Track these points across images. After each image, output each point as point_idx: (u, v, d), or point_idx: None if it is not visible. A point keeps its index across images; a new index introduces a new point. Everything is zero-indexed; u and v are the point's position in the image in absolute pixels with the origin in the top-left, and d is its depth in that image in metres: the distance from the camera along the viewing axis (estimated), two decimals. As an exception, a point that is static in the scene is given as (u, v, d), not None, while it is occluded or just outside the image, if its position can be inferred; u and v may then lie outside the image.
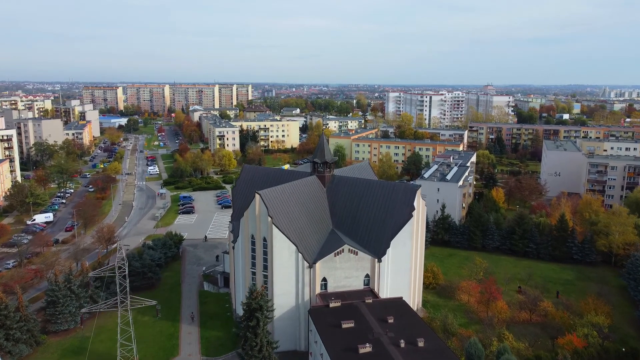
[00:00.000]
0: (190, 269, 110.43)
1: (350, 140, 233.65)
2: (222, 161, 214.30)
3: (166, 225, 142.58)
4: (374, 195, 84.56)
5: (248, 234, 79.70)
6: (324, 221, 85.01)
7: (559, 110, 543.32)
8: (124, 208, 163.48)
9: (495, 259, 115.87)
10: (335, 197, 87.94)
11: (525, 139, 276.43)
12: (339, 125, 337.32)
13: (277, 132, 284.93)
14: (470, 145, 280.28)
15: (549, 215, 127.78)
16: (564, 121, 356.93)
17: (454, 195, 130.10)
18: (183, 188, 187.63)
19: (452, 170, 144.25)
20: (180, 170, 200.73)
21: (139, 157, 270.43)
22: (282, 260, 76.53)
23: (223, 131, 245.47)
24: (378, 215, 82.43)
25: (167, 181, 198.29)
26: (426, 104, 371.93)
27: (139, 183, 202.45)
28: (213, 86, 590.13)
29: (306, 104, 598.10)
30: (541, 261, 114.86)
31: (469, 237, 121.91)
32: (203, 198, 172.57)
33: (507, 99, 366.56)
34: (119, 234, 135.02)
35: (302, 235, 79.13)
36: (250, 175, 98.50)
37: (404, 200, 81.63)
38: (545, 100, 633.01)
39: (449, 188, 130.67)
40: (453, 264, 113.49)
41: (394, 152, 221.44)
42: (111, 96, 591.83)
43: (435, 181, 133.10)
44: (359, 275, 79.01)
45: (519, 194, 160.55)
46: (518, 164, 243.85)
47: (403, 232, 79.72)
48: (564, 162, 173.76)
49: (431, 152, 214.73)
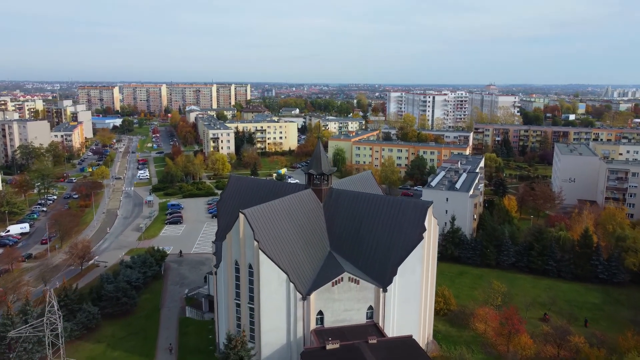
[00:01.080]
0: (172, 290, 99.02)
1: (351, 143, 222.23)
2: (216, 165, 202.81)
3: (151, 237, 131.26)
4: (378, 213, 73.20)
5: (231, 260, 68.35)
6: (321, 243, 73.68)
7: (563, 111, 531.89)
8: (108, 217, 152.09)
9: (511, 277, 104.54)
10: (333, 214, 76.62)
11: (533, 141, 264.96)
12: (339, 127, 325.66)
13: (274, 133, 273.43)
14: (476, 147, 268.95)
15: (569, 228, 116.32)
16: (572, 122, 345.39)
17: (465, 206, 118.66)
18: (173, 194, 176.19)
19: (461, 177, 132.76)
20: (170, 175, 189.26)
21: (130, 160, 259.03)
22: (270, 291, 65.22)
23: (217, 133, 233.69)
24: (383, 237, 71.08)
25: (156, 187, 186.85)
26: (429, 104, 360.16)
27: (126, 189, 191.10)
28: (211, 86, 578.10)
29: (306, 104, 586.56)
30: (563, 280, 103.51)
31: (481, 253, 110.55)
32: (193, 206, 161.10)
33: (512, 99, 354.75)
34: (97, 248, 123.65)
35: (295, 261, 67.80)
36: (238, 186, 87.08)
37: (413, 219, 70.25)
38: (549, 100, 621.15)
39: (459, 198, 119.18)
40: (465, 284, 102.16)
41: (396, 155, 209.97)
42: (107, 96, 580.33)
43: (444, 190, 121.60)
44: (361, 307, 67.68)
45: (532, 202, 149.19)
46: (527, 167, 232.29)
47: (412, 257, 68.35)
48: (580, 167, 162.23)
49: (436, 155, 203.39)
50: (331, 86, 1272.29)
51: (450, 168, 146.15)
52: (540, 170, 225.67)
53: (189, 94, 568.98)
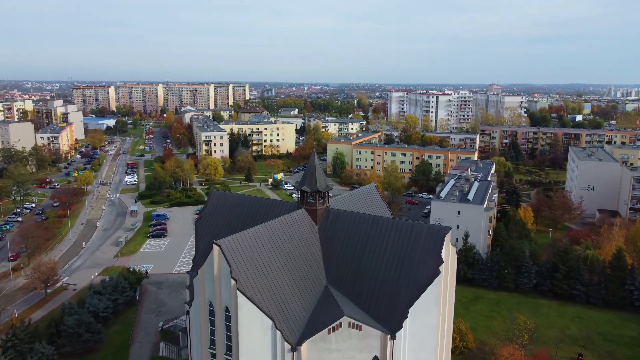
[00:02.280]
0: (147, 320, 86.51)
1: (351, 146, 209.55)
2: (207, 170, 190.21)
3: (130, 253, 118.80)
4: (385, 239, 60.66)
5: (204, 301, 55.90)
6: (315, 275, 61.14)
7: (569, 111, 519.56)
8: (87, 229, 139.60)
9: (534, 304, 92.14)
10: (331, 239, 64.08)
11: (542, 144, 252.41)
12: (338, 128, 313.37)
13: (271, 135, 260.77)
14: (482, 150, 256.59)
15: (595, 245, 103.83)
16: (581, 124, 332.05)
17: (479, 220, 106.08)
18: (160, 203, 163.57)
19: (473, 186, 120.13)
20: (158, 182, 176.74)
21: (119, 164, 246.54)
22: (252, 340, 52.70)
23: (210, 136, 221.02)
24: (390, 269, 58.56)
25: (143, 194, 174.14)
26: (432, 104, 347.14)
27: (111, 196, 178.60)
28: (208, 85, 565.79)
29: (305, 104, 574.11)
30: (592, 308, 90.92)
31: (498, 275, 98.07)
32: (180, 216, 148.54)
33: (519, 100, 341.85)
34: (69, 267, 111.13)
35: (283, 302, 55.30)
36: (220, 204, 74.46)
37: (428, 248, 57.72)
38: (552, 100, 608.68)
39: (472, 212, 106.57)
40: (481, 312, 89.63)
41: (399, 159, 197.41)
42: (103, 96, 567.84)
43: (455, 202, 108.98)
44: (365, 358, 55.18)
45: (549, 213, 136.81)
46: (537, 172, 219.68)
47: (426, 296, 55.79)
48: (599, 174, 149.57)
49: (442, 160, 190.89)
50: (331, 86, 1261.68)
51: (460, 176, 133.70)
52: (552, 175, 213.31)
53: (185, 94, 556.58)
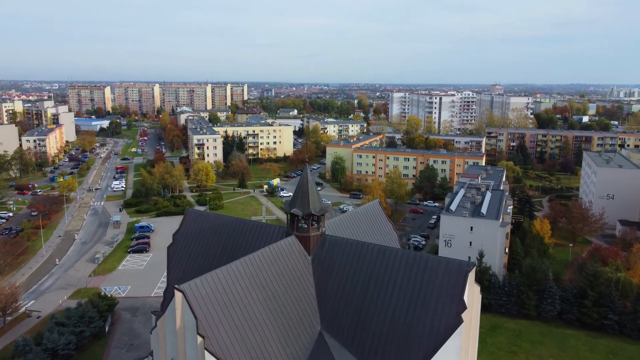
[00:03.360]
0: (115, 356, 75.08)
1: (352, 149, 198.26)
2: (198, 176, 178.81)
3: (106, 271, 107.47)
4: (393, 275, 49.32)
5: (165, 357, 44.58)
6: (307, 318, 49.82)
7: (573, 112, 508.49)
8: (63, 243, 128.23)
9: (559, 335, 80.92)
10: (327, 273, 52.75)
11: (552, 147, 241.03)
12: (338, 130, 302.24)
13: (267, 138, 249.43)
14: (489, 153, 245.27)
15: (626, 266, 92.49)
16: (590, 126, 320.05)
17: (494, 237, 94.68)
18: (146, 212, 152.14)
19: (486, 197, 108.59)
20: (145, 188, 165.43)
21: (108, 168, 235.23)
22: (225, 411, 41.44)
23: (202, 139, 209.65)
24: (400, 313, 47.19)
25: (128, 202, 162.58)
26: (435, 105, 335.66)
27: (95, 204, 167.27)
28: (205, 85, 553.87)
29: (304, 105, 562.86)
30: (627, 340, 79.65)
31: (517, 300, 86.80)
32: (166, 227, 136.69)
33: (525, 100, 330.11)
34: (37, 288, 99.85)
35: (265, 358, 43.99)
36: (197, 226, 63.05)
37: (447, 289, 46.27)
38: (554, 100, 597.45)
39: (487, 227, 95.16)
40: (501, 345, 78.28)
41: (403, 164, 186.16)
42: (99, 96, 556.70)
43: (468, 217, 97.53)
44: None
45: (567, 225, 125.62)
46: (547, 177, 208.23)
47: (446, 350, 44.49)
48: (620, 181, 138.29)
49: (448, 165, 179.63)
50: (331, 86, 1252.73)
51: (470, 185, 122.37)
52: (563, 180, 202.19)
53: (182, 94, 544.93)
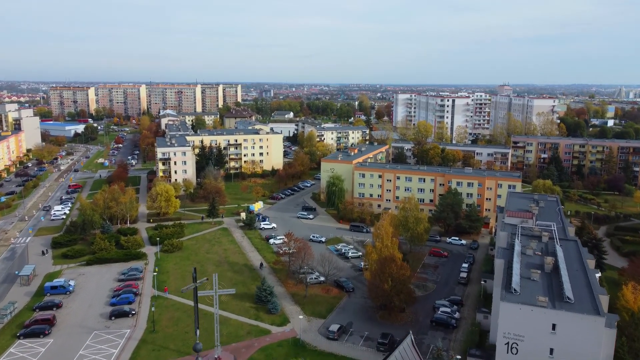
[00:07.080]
0: None
1: (352, 165, 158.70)
2: (156, 202, 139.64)
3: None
4: None
5: None
6: None
7: (590, 114, 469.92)
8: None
9: None
10: None
11: (591, 160, 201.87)
12: (337, 137, 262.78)
13: (252, 149, 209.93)
14: (515, 167, 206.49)
15: None
16: (626, 132, 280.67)
17: (595, 342, 55.29)
18: (78, 256, 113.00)
19: (560, 259, 69.52)
20: (83, 222, 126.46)
21: (61, 186, 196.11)
22: None
23: (168, 152, 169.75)
24: None
25: (58, 240, 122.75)
26: (447, 109, 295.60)
27: (19, 240, 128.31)
28: (195, 86, 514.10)
29: (301, 107, 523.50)
30: None
31: None
32: (93, 284, 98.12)
33: (551, 103, 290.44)
34: None
35: None
36: None
37: None
38: (562, 101, 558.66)
39: (582, 327, 55.83)
40: None
41: (417, 186, 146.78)
42: (82, 98, 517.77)
43: (547, 308, 58.07)
44: None
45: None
46: (593, 199, 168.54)
47: None
48: None
49: (476, 188, 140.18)
50: (332, 86, 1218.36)
51: (524, 229, 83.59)
52: (616, 202, 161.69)
53: (169, 96, 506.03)
